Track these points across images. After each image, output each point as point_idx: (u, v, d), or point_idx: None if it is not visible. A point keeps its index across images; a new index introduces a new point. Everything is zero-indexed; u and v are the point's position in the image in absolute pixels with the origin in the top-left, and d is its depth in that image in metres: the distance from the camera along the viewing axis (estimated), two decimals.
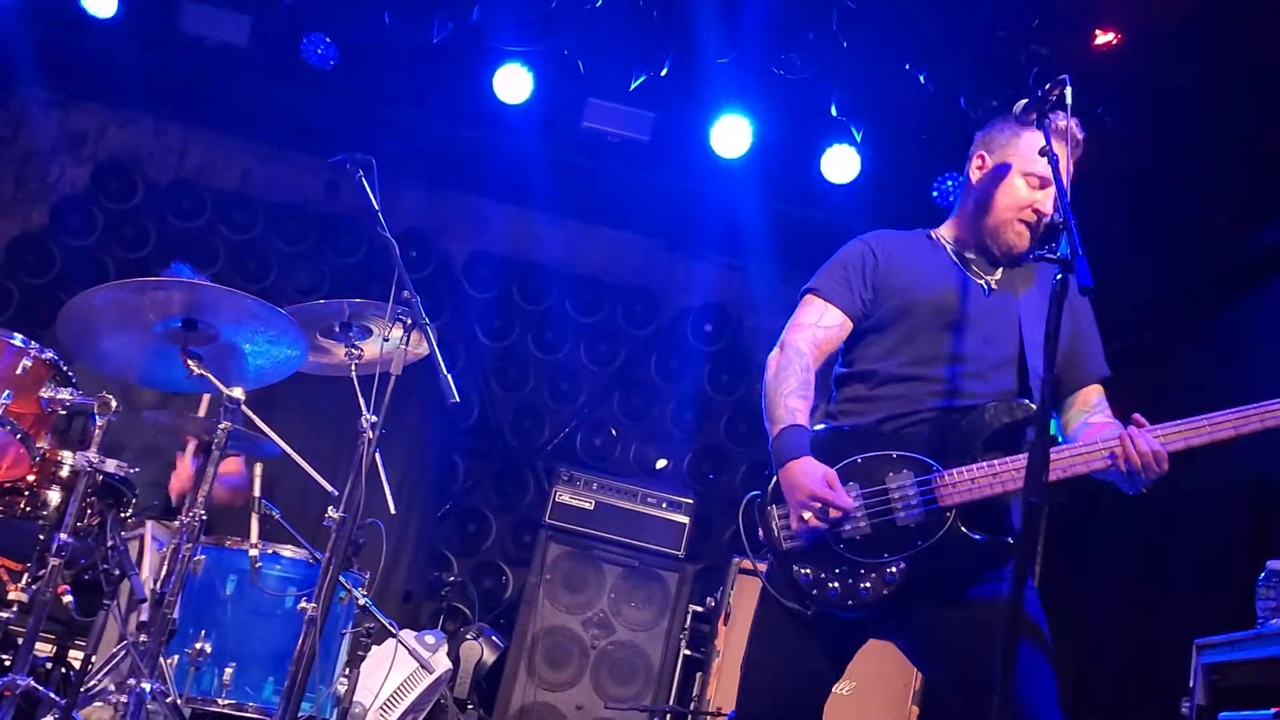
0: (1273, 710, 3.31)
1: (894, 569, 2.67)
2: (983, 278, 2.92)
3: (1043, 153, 2.62)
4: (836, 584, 2.69)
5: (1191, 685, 3.77)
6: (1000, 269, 2.94)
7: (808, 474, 2.68)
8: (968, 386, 2.78)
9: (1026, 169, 2.86)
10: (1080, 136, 2.82)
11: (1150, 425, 2.61)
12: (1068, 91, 2.61)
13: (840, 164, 5.77)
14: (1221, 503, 4.77)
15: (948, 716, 2.76)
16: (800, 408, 2.82)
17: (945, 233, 3.03)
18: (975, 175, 2.96)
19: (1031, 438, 2.78)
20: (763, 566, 2.87)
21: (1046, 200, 2.83)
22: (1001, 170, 2.89)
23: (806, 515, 2.66)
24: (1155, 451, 2.56)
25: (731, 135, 5.78)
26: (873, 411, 2.85)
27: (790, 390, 2.83)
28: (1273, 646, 3.44)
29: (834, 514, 2.64)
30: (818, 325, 2.94)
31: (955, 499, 2.65)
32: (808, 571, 2.72)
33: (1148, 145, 5.13)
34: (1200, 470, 4.98)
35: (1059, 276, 2.35)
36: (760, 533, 2.82)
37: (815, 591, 2.70)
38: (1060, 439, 2.87)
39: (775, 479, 2.79)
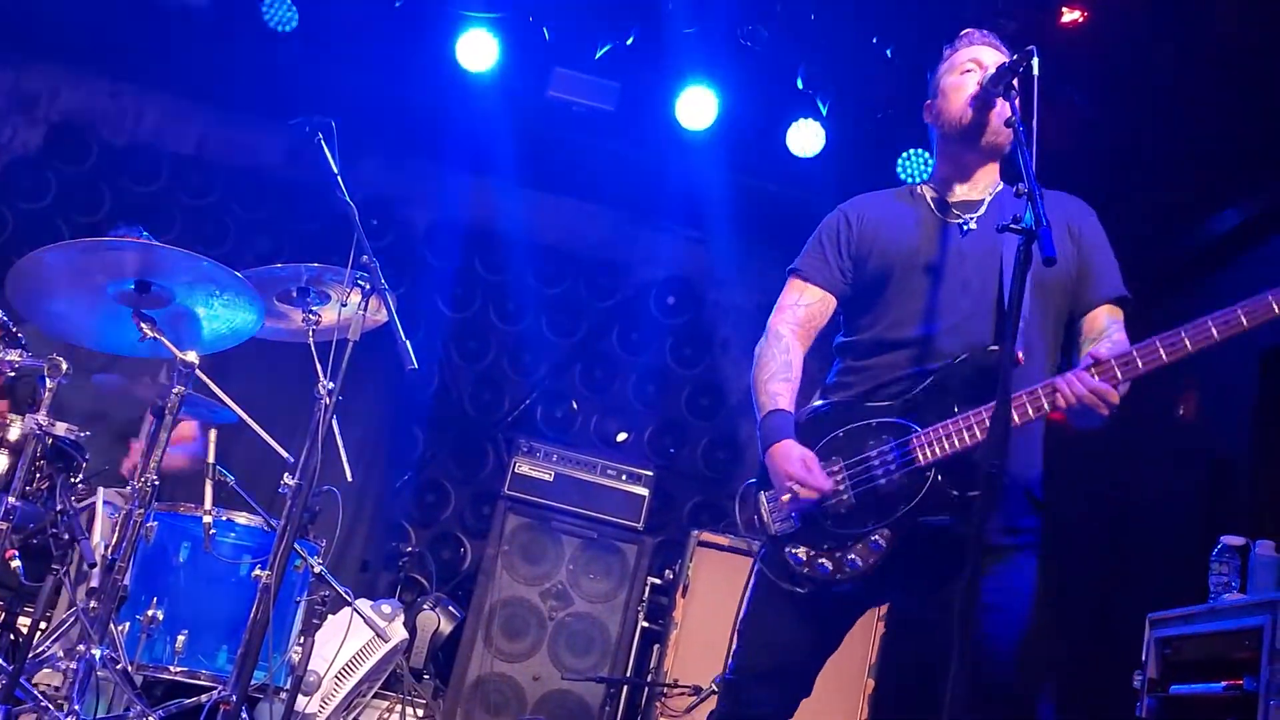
0: (1223, 684, 3.35)
1: (879, 536, 2.66)
2: (961, 217, 2.88)
3: (1009, 124, 2.62)
4: (826, 560, 2.70)
5: (1144, 659, 3.81)
6: (986, 199, 2.89)
7: (786, 457, 2.71)
8: (945, 343, 2.75)
9: (955, 68, 2.92)
10: (996, 38, 2.92)
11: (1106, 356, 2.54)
12: (1034, 63, 2.60)
13: (806, 137, 5.75)
14: (1176, 479, 4.83)
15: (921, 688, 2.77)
16: (781, 391, 2.84)
17: (928, 182, 3.02)
18: (929, 116, 2.99)
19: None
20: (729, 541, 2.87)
21: (983, 77, 2.82)
22: (942, 88, 2.93)
23: (785, 497, 2.71)
24: (1094, 390, 2.49)
25: (697, 106, 5.75)
26: (859, 383, 2.85)
27: (771, 375, 2.87)
28: (1224, 621, 3.48)
29: (806, 494, 2.66)
30: (798, 305, 2.97)
31: (933, 456, 2.63)
32: (799, 552, 2.73)
33: (1112, 124, 5.15)
34: (1156, 447, 5.04)
35: (1021, 248, 2.34)
36: (755, 519, 2.84)
37: (807, 570, 2.71)
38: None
39: (761, 464, 2.83)
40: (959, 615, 2.21)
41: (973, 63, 2.90)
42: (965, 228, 2.86)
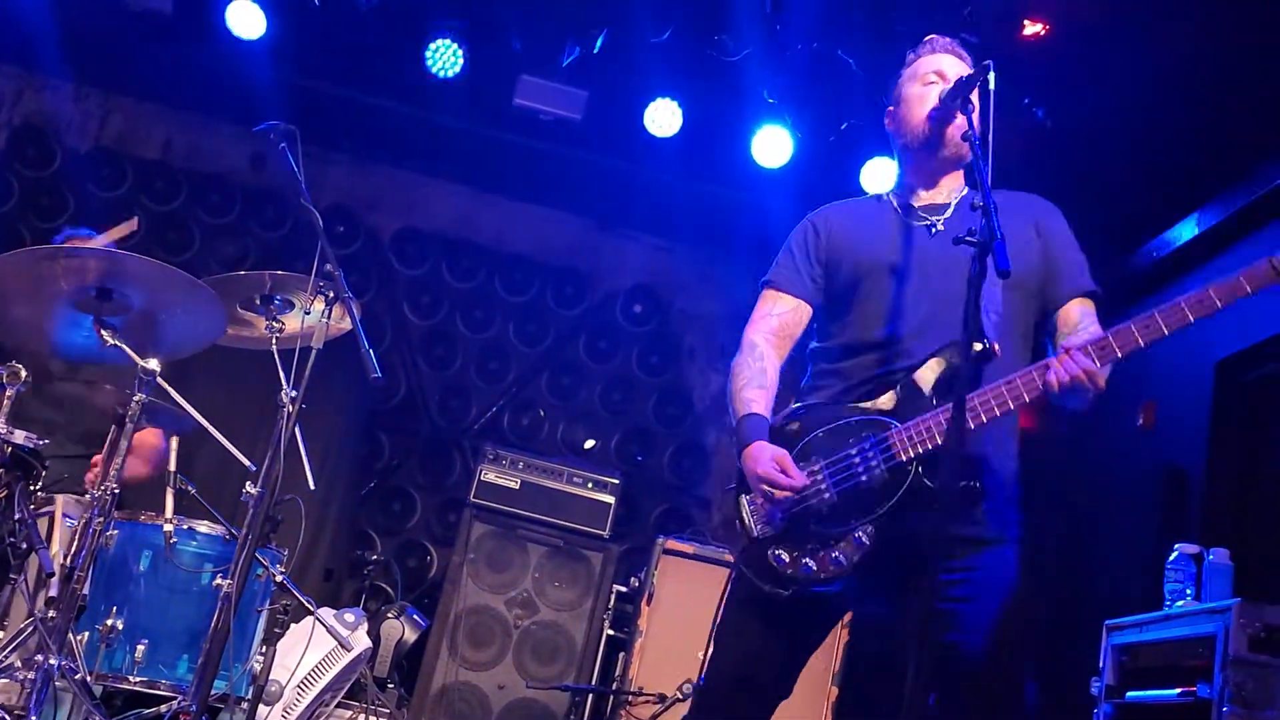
0: (1178, 690, 3.40)
1: (862, 533, 2.67)
2: (928, 220, 2.92)
3: (965, 138, 2.65)
4: (810, 560, 2.69)
5: (1101, 665, 3.85)
6: (951, 204, 2.93)
7: (757, 458, 2.72)
8: (916, 343, 2.79)
9: (917, 79, 2.97)
10: (959, 48, 2.99)
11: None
12: (991, 77, 2.64)
13: (771, 147, 5.78)
14: (1135, 488, 4.89)
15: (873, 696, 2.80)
16: (756, 397, 2.86)
17: (892, 188, 3.07)
18: (891, 123, 3.04)
19: (977, 376, 2.73)
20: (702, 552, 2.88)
21: (944, 86, 2.87)
22: (905, 97, 2.98)
23: (760, 500, 2.73)
24: (1086, 369, 2.54)
25: (664, 116, 5.77)
26: (833, 385, 2.88)
27: (745, 383, 2.89)
28: (1180, 627, 3.52)
29: (780, 494, 2.67)
30: (771, 314, 3.00)
31: (913, 450, 2.65)
32: (783, 553, 2.73)
33: (1074, 136, 5.21)
34: (1116, 457, 5.10)
35: (975, 259, 2.38)
36: (737, 524, 2.83)
37: (791, 571, 2.71)
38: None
39: (739, 469, 2.83)
40: (920, 606, 2.25)
41: (935, 74, 2.95)
42: (933, 230, 2.90)
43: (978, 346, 2.54)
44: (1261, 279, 2.47)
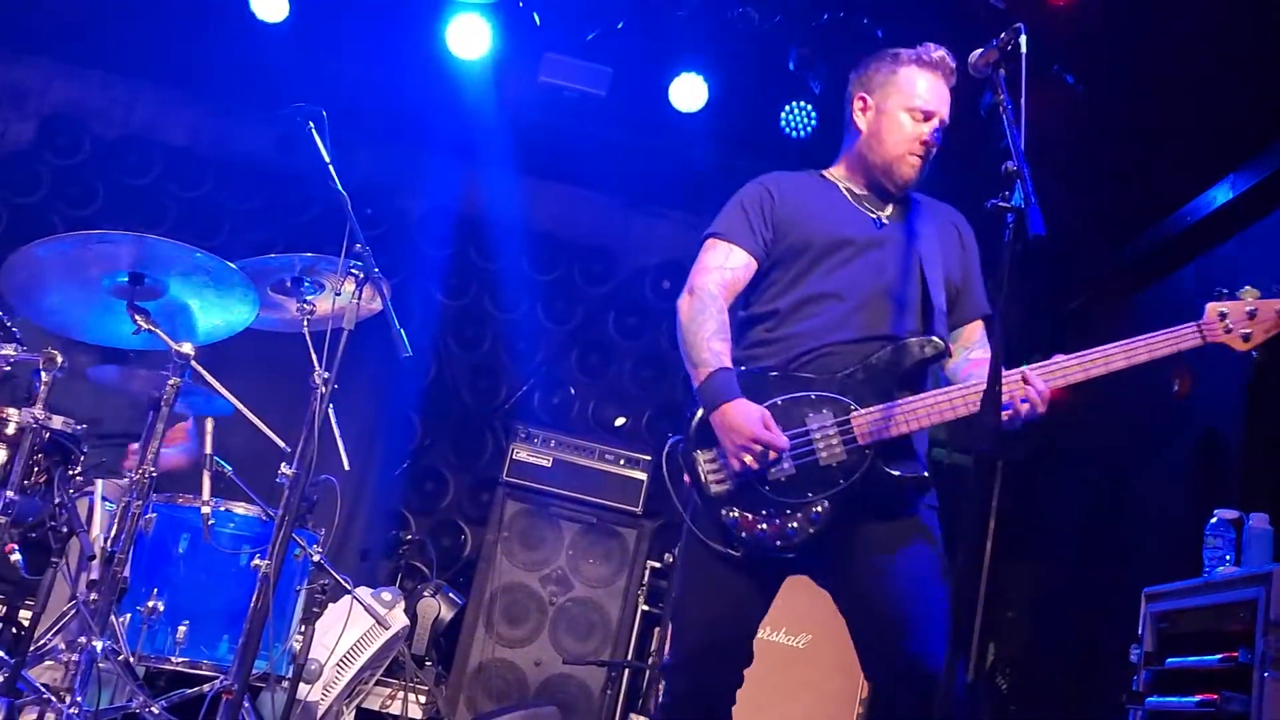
0: (1218, 656, 3.37)
1: (819, 508, 2.72)
2: (875, 213, 2.98)
3: (993, 113, 2.64)
4: (764, 525, 2.72)
5: (1140, 633, 3.83)
6: (891, 204, 3.01)
7: (745, 416, 2.69)
8: (865, 320, 2.84)
9: (908, 104, 2.95)
10: (953, 65, 2.98)
11: (1044, 361, 2.72)
12: (1022, 40, 2.61)
13: (798, 118, 5.74)
14: (1173, 453, 4.84)
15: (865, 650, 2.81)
16: (723, 350, 2.83)
17: (836, 172, 3.09)
18: (859, 118, 3.04)
19: (942, 374, 2.94)
20: None
21: (930, 131, 2.94)
22: (885, 109, 2.98)
23: (747, 458, 2.69)
24: (1043, 392, 2.67)
25: (689, 89, 5.74)
26: (778, 353, 2.87)
27: (711, 333, 2.84)
28: (1219, 594, 3.49)
29: (772, 455, 2.68)
30: (724, 267, 2.96)
31: (873, 437, 2.72)
32: (735, 515, 2.74)
33: (1105, 102, 5.15)
34: (1151, 422, 5.06)
35: (1011, 225, 2.36)
36: (687, 479, 2.82)
37: (744, 534, 2.73)
38: (941, 380, 2.94)
39: (696, 422, 2.80)
40: (961, 599, 2.26)
41: (924, 112, 2.95)
42: (881, 220, 2.96)
43: (943, 345, 2.77)
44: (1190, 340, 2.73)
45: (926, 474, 2.79)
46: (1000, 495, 5.49)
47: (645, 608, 5.57)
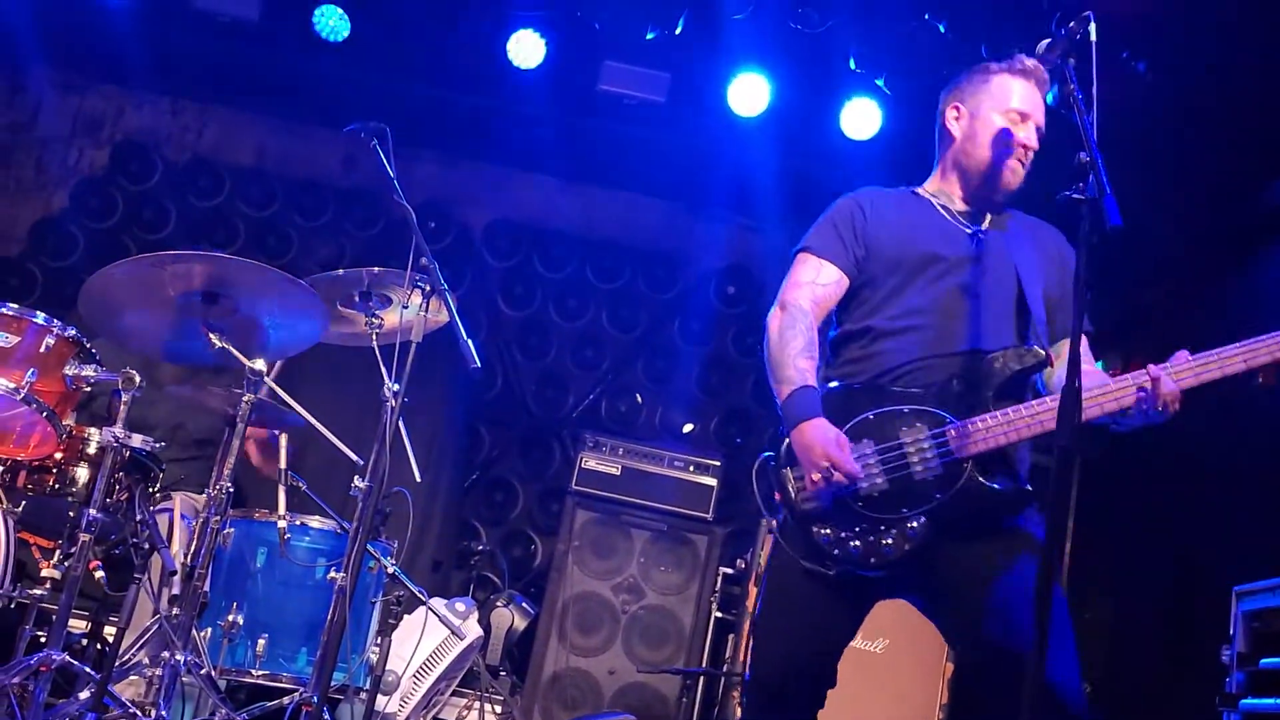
0: None
1: (914, 524, 2.65)
2: (971, 227, 2.94)
3: (1064, 104, 2.59)
4: (858, 542, 2.67)
5: (1232, 633, 3.72)
6: (987, 215, 2.96)
7: (820, 437, 2.66)
8: (960, 334, 2.78)
9: (1003, 108, 2.92)
10: (1046, 76, 2.93)
11: (1161, 363, 2.65)
12: (1091, 29, 2.56)
13: (861, 119, 5.69)
14: (1261, 448, 4.71)
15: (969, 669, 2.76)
16: (809, 368, 2.80)
17: (930, 187, 3.06)
18: (953, 126, 3.00)
19: (1041, 384, 2.86)
20: None
21: (1031, 134, 2.91)
22: (979, 114, 2.95)
23: (816, 477, 2.65)
24: (1172, 392, 2.62)
25: (749, 93, 5.71)
26: (871, 369, 2.83)
27: (798, 350, 2.82)
28: None
29: (837, 478, 2.62)
30: (815, 283, 2.93)
31: (971, 450, 2.65)
32: (828, 532, 2.69)
33: (1177, 90, 5.03)
34: (1235, 416, 4.92)
35: (1086, 216, 2.31)
36: (776, 495, 2.78)
37: (836, 551, 2.68)
38: (1040, 391, 2.85)
39: (788, 440, 2.76)
40: (1038, 600, 2.19)
41: (1019, 114, 2.92)
42: (978, 234, 2.91)
43: (1044, 354, 2.68)
44: None
45: (1028, 488, 2.70)
46: (1079, 494, 5.39)
47: (718, 614, 5.54)
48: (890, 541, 2.65)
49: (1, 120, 6.79)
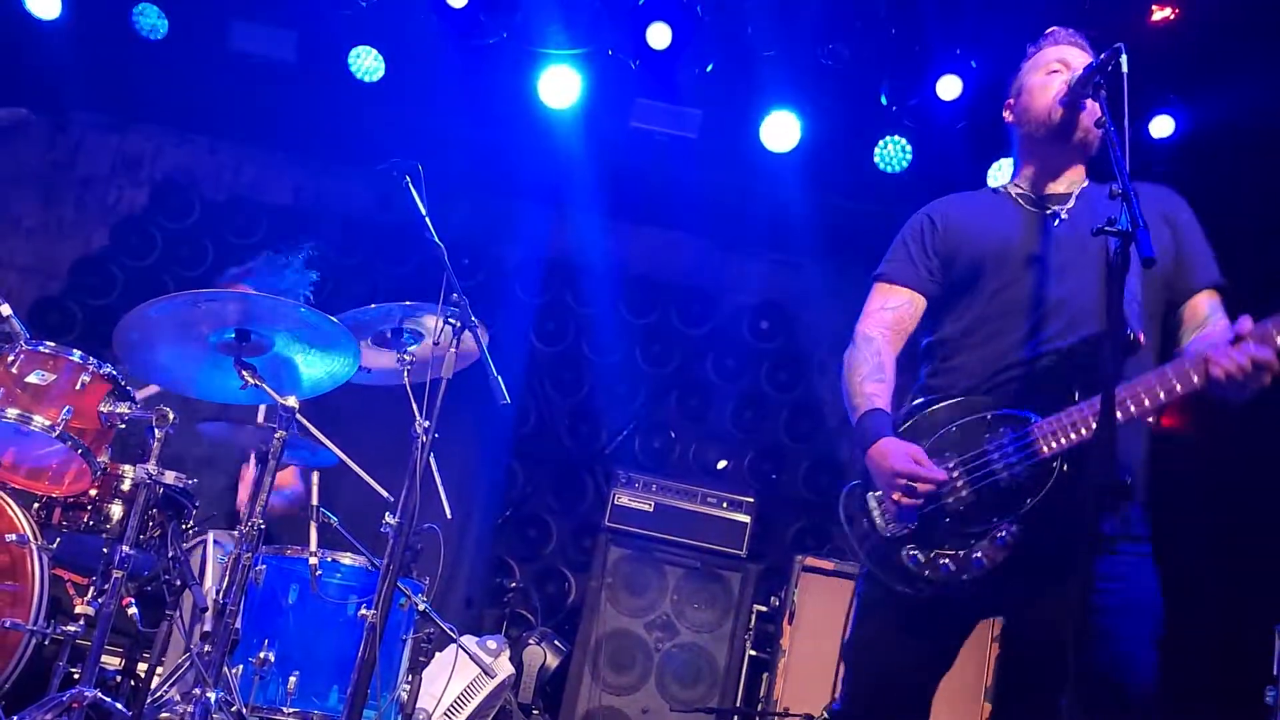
0: None
1: (1004, 532, 2.55)
2: (1051, 209, 2.85)
3: (1099, 124, 2.56)
4: (948, 559, 2.59)
5: (1275, 673, 3.65)
6: (1073, 194, 2.86)
7: (891, 453, 2.62)
8: (1051, 329, 2.69)
9: (1043, 67, 2.90)
10: (1083, 41, 2.92)
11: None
12: (1123, 60, 2.54)
13: (892, 153, 5.69)
14: None
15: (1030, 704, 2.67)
16: (877, 391, 2.78)
17: (1009, 185, 3.00)
18: (1010, 114, 2.99)
19: (1109, 369, 2.61)
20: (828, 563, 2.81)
21: (1070, 74, 2.80)
22: (1025, 85, 2.93)
23: (896, 495, 2.60)
24: (1255, 357, 2.40)
25: (781, 129, 5.73)
26: (961, 378, 2.79)
27: (864, 377, 2.82)
28: None
29: (923, 488, 2.57)
30: (884, 309, 2.93)
31: (1057, 447, 2.54)
32: (917, 553, 2.63)
33: (1206, 127, 4.99)
34: (1275, 446, 4.84)
35: (1118, 250, 2.28)
36: (864, 521, 2.74)
37: (928, 572, 2.60)
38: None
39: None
40: (1073, 613, 2.14)
41: (1059, 62, 2.89)
42: (1056, 220, 2.82)
43: (1130, 336, 2.43)
44: None
45: (1129, 480, 2.53)
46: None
47: (753, 652, 5.49)
48: (980, 554, 2.56)
49: (43, 159, 6.92)
